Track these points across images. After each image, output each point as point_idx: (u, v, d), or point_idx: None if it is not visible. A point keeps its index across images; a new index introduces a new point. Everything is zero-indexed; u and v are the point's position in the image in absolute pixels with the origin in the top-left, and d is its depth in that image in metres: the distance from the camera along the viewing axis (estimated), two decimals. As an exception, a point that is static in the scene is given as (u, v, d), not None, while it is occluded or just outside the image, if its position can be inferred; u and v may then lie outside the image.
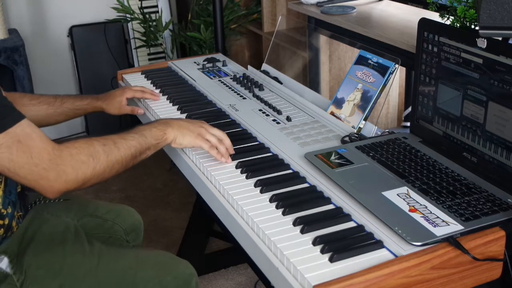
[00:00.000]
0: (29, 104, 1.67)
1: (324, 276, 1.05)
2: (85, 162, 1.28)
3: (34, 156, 1.22)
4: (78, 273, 1.41)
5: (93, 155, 1.29)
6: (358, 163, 1.40)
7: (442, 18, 1.43)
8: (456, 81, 1.38)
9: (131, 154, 1.36)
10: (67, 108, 1.74)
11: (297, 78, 2.09)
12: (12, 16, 3.48)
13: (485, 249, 1.12)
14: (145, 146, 1.39)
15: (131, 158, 1.37)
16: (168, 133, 1.44)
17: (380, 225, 1.17)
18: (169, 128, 1.45)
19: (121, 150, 1.34)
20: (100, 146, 1.32)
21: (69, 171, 1.26)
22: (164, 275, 1.45)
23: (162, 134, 1.43)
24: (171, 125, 1.45)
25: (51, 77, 3.68)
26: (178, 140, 1.46)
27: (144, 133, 1.41)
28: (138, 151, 1.38)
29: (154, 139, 1.41)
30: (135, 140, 1.38)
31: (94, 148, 1.30)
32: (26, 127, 1.23)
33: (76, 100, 1.77)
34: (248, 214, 1.25)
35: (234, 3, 3.25)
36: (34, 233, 1.47)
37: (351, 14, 2.30)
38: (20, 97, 1.68)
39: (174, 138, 1.45)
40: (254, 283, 2.35)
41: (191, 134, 1.46)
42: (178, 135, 1.45)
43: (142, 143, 1.39)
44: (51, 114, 1.72)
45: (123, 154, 1.34)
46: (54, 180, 1.24)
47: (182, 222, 2.80)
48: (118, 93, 1.84)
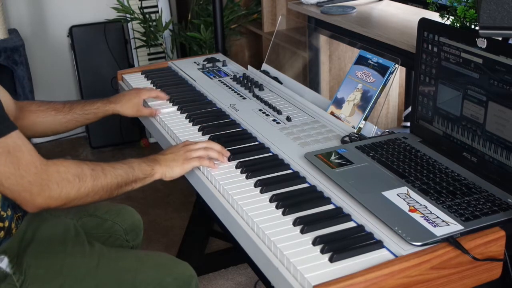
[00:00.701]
0: (36, 111, 1.66)
1: (324, 276, 1.05)
2: (71, 181, 1.28)
3: (21, 168, 1.22)
4: (78, 273, 1.41)
5: (80, 176, 1.30)
6: (358, 163, 1.40)
7: (442, 18, 1.43)
8: (456, 81, 1.38)
9: (117, 183, 1.37)
10: (76, 113, 1.71)
11: (297, 78, 2.09)
12: (12, 16, 3.48)
13: (485, 249, 1.12)
14: (132, 178, 1.40)
15: (116, 187, 1.37)
16: (156, 170, 1.44)
17: (380, 225, 1.17)
18: (157, 165, 1.45)
19: (108, 177, 1.35)
20: (88, 169, 1.32)
21: (53, 187, 1.26)
22: (164, 276, 1.45)
23: (150, 170, 1.43)
24: (159, 162, 1.46)
25: (51, 77, 3.68)
26: (168, 174, 1.46)
27: (133, 166, 1.41)
28: (124, 181, 1.38)
29: (142, 173, 1.42)
30: (123, 170, 1.38)
31: (82, 170, 1.31)
32: (17, 139, 1.24)
33: (85, 104, 1.74)
34: (248, 214, 1.25)
35: (234, 3, 3.25)
36: (34, 233, 1.47)
37: (351, 14, 2.30)
38: (28, 104, 1.67)
39: (163, 174, 1.46)
40: (254, 283, 2.35)
41: (177, 164, 1.46)
42: (166, 170, 1.46)
43: (129, 174, 1.39)
44: (59, 120, 1.69)
45: (109, 181, 1.35)
46: (37, 194, 1.25)
47: (182, 222, 2.80)
48: (133, 95, 1.80)
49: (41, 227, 1.49)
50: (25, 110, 1.64)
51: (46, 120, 1.67)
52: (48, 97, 3.62)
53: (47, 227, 1.50)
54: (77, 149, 3.61)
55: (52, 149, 3.59)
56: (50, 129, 1.69)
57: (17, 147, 1.23)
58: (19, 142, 1.24)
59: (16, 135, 1.24)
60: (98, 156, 3.55)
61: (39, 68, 3.59)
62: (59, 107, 1.70)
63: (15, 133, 1.24)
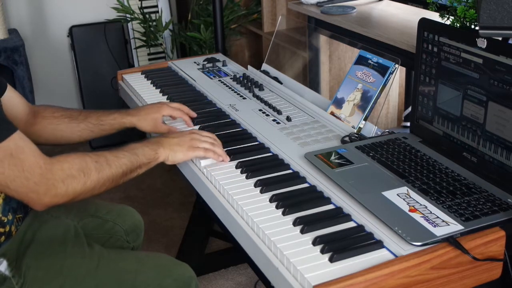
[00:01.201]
0: (50, 117, 1.62)
1: (324, 276, 1.05)
2: (76, 177, 1.28)
3: (25, 170, 1.22)
4: (78, 275, 1.40)
5: (84, 170, 1.29)
6: (358, 163, 1.40)
7: (442, 18, 1.43)
8: (456, 81, 1.38)
9: (122, 172, 1.37)
10: (91, 123, 1.64)
11: (297, 78, 2.09)
12: (12, 16, 3.48)
13: (485, 249, 1.12)
14: (136, 165, 1.40)
15: (122, 175, 1.37)
16: (160, 153, 1.44)
17: (380, 225, 1.17)
18: (161, 148, 1.45)
19: (112, 167, 1.34)
20: (92, 162, 1.31)
21: (59, 186, 1.26)
22: (163, 277, 1.45)
23: (153, 154, 1.43)
24: (163, 145, 1.46)
25: (51, 77, 3.68)
26: (170, 158, 1.46)
27: (136, 152, 1.40)
28: (129, 169, 1.38)
29: (146, 158, 1.42)
30: (127, 158, 1.38)
31: (86, 164, 1.30)
32: (19, 141, 1.23)
33: (102, 114, 1.66)
34: (248, 214, 1.25)
35: (234, 3, 3.25)
36: (33, 235, 1.46)
37: (351, 14, 2.30)
38: (43, 109, 1.63)
39: (166, 157, 1.45)
40: (254, 283, 2.35)
41: (182, 149, 1.46)
42: (169, 153, 1.46)
43: (133, 161, 1.39)
44: (73, 128, 1.63)
45: (114, 171, 1.35)
46: (43, 193, 1.25)
47: (182, 222, 2.80)
48: (154, 110, 1.69)
49: (41, 229, 1.49)
50: (39, 116, 1.61)
51: (59, 128, 1.63)
52: (48, 97, 3.63)
53: (47, 229, 1.50)
54: (77, 149, 3.61)
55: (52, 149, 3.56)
56: (63, 138, 1.64)
57: (19, 149, 1.22)
58: (21, 143, 1.23)
59: (17, 136, 1.23)
60: (98, 156, 3.54)
61: (39, 68, 3.59)
62: (75, 114, 1.65)
63: (16, 134, 1.23)
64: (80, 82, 3.55)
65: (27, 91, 3.07)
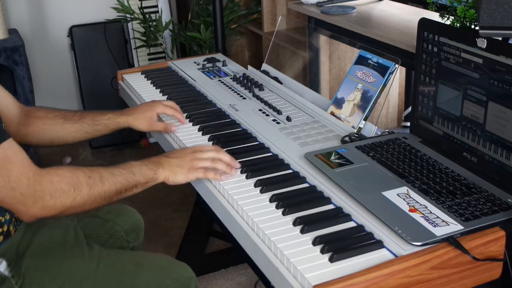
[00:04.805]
0: (44, 117, 1.59)
1: (324, 276, 1.05)
2: (65, 191, 1.25)
3: (11, 180, 1.19)
4: (77, 275, 1.40)
5: (75, 185, 1.26)
6: (358, 163, 1.40)
7: (442, 18, 1.42)
8: (456, 81, 1.38)
9: (116, 189, 1.33)
10: (86, 123, 1.62)
11: (297, 78, 2.09)
12: (12, 16, 3.48)
13: (485, 249, 1.12)
14: (132, 184, 1.36)
15: (115, 193, 1.33)
16: (159, 173, 1.40)
17: (380, 225, 1.17)
18: (161, 168, 1.40)
19: (105, 184, 1.31)
20: (84, 177, 1.28)
21: (47, 198, 1.23)
22: (163, 278, 1.45)
23: (152, 174, 1.39)
24: (163, 165, 1.41)
25: (51, 77, 3.68)
26: (171, 179, 1.42)
27: (133, 170, 1.36)
28: (123, 188, 1.34)
29: (143, 178, 1.37)
30: (122, 176, 1.34)
31: (78, 179, 1.27)
32: (8, 149, 1.20)
33: (96, 115, 1.64)
34: (248, 214, 1.25)
35: (234, 3, 3.25)
36: (33, 235, 1.45)
37: (351, 14, 2.30)
38: (36, 109, 1.61)
39: (166, 178, 1.41)
40: (254, 283, 2.35)
41: (183, 171, 1.41)
42: (169, 174, 1.41)
43: (129, 180, 1.35)
44: (67, 129, 1.61)
45: (106, 189, 1.31)
46: (31, 205, 1.22)
47: (182, 222, 2.80)
48: (147, 108, 1.68)
49: (41, 229, 1.48)
50: (31, 116, 1.58)
51: (53, 128, 1.60)
52: (48, 97, 3.63)
53: (46, 229, 1.49)
54: (77, 149, 3.61)
55: (52, 149, 3.59)
56: (57, 138, 1.61)
57: (6, 159, 1.19)
58: (10, 152, 1.20)
59: (7, 145, 1.20)
60: (98, 156, 3.55)
61: (39, 68, 3.60)
62: (69, 115, 1.62)
63: (6, 143, 1.20)
64: (80, 82, 3.55)
65: (27, 91, 3.07)
